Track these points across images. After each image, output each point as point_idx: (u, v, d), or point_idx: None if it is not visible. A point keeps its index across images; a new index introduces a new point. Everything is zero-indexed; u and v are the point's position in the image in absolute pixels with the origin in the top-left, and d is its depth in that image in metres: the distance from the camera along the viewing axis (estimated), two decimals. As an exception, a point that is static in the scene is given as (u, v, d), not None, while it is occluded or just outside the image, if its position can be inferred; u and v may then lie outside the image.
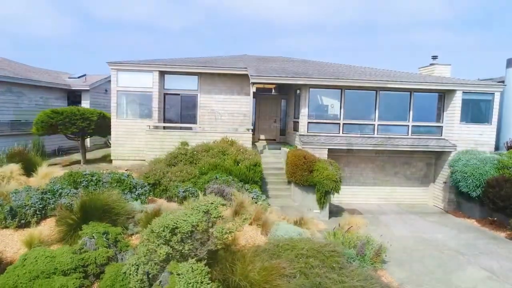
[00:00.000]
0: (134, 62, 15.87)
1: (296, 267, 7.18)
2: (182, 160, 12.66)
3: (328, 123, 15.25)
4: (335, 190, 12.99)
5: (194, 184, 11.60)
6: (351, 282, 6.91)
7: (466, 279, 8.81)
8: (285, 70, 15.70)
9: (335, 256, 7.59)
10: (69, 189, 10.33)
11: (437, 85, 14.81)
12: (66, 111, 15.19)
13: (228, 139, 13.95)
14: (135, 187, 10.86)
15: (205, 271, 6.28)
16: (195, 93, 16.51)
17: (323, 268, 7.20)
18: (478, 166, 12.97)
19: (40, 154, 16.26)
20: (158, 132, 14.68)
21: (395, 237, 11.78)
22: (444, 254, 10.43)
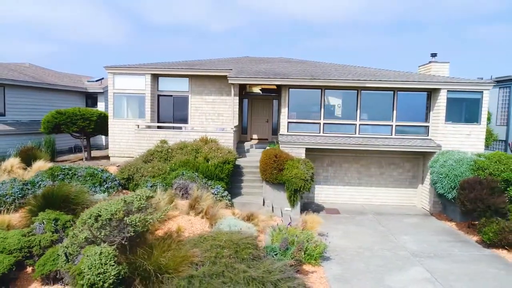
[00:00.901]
0: (129, 66, 17.04)
1: (208, 256, 7.68)
2: (157, 157, 13.53)
3: (308, 123, 15.42)
4: (304, 188, 13.20)
5: (164, 179, 12.40)
6: (255, 272, 7.29)
7: (400, 280, 8.77)
8: (269, 71, 16.08)
9: (250, 248, 7.98)
10: (47, 181, 11.54)
11: (419, 84, 14.46)
12: (68, 112, 16.71)
13: (206, 138, 14.61)
14: (105, 181, 11.87)
15: (111, 254, 6.97)
16: (186, 94, 17.38)
17: (233, 258, 7.64)
18: (454, 167, 12.56)
19: (51, 152, 17.88)
20: (146, 131, 15.69)
21: (356, 236, 11.81)
22: (397, 255, 10.34)
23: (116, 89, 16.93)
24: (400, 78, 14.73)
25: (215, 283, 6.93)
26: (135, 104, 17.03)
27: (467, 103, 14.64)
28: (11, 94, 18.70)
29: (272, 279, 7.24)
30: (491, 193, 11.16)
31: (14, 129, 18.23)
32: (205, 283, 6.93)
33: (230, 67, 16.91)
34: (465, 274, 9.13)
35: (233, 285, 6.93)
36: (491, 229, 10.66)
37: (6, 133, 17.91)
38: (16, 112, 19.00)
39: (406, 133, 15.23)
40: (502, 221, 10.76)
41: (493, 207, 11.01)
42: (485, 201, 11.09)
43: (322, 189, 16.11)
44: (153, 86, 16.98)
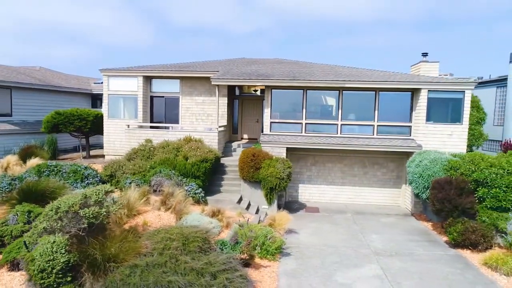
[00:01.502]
0: (122, 68, 17.82)
1: (157, 248, 8.16)
2: (140, 155, 14.17)
3: (290, 123, 15.69)
4: (280, 187, 13.52)
5: (143, 176, 13.01)
6: (197, 263, 7.72)
7: (350, 276, 8.98)
8: (253, 72, 16.43)
9: (198, 241, 8.41)
10: (33, 177, 12.38)
11: (398, 84, 14.46)
12: (66, 112, 17.66)
13: (190, 137, 15.13)
14: (86, 178, 12.59)
15: (63, 243, 7.57)
16: (177, 95, 18.00)
17: (180, 250, 8.09)
18: (428, 167, 12.54)
19: (52, 150, 18.91)
20: (135, 130, 16.39)
21: (326, 234, 12.02)
22: (359, 253, 10.51)
23: (111, 91, 17.74)
24: (380, 79, 14.78)
25: (156, 273, 7.40)
26: (128, 105, 17.79)
27: (449, 103, 14.52)
28: (18, 96, 19.90)
29: (212, 270, 7.64)
30: (460, 193, 11.11)
31: (19, 128, 19.40)
32: (146, 272, 7.42)
33: (219, 68, 17.40)
34: (418, 272, 9.23)
35: (172, 275, 7.37)
36: (456, 229, 10.66)
37: (12, 132, 19.09)
38: (22, 112, 20.20)
39: (390, 133, 15.25)
40: (468, 221, 10.72)
41: (460, 207, 10.97)
42: (452, 201, 11.07)
43: (306, 188, 16.34)
44: (145, 88, 17.69)
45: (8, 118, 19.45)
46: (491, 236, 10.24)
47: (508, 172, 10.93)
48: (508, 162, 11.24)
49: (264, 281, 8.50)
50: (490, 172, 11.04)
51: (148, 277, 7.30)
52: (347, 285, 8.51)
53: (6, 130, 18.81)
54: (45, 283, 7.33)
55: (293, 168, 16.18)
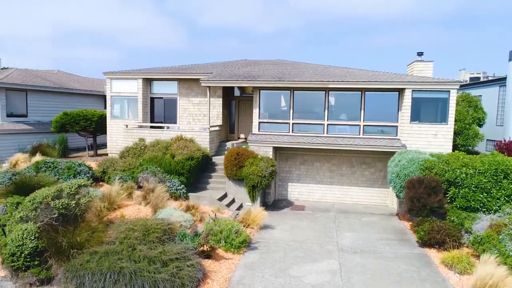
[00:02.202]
0: (124, 71, 18.84)
1: (119, 237, 8.88)
2: (132, 153, 15.04)
3: (278, 122, 16.08)
4: (261, 184, 13.96)
5: (132, 173, 13.86)
6: (152, 252, 8.37)
7: (305, 270, 9.34)
8: (244, 74, 16.94)
9: (158, 232, 9.05)
10: (32, 173, 13.50)
11: (382, 84, 14.51)
12: (72, 113, 18.90)
13: (181, 136, 15.85)
14: (79, 173, 13.58)
15: (33, 231, 8.45)
16: (175, 96, 18.81)
17: (139, 240, 8.76)
18: (405, 166, 12.60)
19: (62, 149, 20.20)
20: (132, 130, 17.33)
21: (300, 231, 12.36)
22: (324, 249, 10.81)
23: (113, 93, 18.80)
24: (365, 79, 14.88)
25: (111, 259, 8.11)
26: (129, 106, 18.78)
27: (434, 103, 14.43)
28: (33, 98, 21.44)
29: (164, 258, 8.27)
30: (429, 193, 11.15)
31: (34, 128, 20.89)
32: (103, 259, 8.14)
33: (213, 70, 18.05)
34: (374, 269, 9.44)
35: (126, 262, 8.06)
36: (424, 228, 10.72)
37: (27, 131, 20.60)
38: (37, 113, 21.72)
39: (376, 133, 15.32)
40: (436, 220, 10.76)
41: (428, 206, 11.02)
42: (421, 200, 11.13)
43: (295, 187, 16.67)
44: (145, 89, 18.63)
45: (24, 119, 20.99)
46: (457, 236, 10.24)
47: (479, 172, 10.86)
48: (482, 162, 11.16)
49: (220, 272, 9.02)
50: (460, 172, 11.02)
51: (103, 263, 8.02)
52: (297, 278, 8.88)
53: (22, 129, 20.34)
54: (15, 265, 8.22)
55: (283, 167, 16.64)
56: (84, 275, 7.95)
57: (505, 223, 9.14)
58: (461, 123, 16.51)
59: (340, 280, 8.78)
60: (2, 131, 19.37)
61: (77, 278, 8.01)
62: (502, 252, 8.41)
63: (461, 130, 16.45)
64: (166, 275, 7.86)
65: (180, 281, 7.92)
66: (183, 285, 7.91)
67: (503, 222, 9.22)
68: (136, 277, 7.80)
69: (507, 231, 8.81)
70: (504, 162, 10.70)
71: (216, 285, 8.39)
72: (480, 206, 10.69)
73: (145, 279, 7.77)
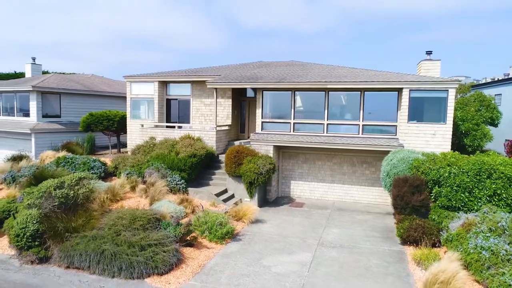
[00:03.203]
0: (142, 75, 20.24)
1: (108, 224, 9.96)
2: (142, 151, 16.27)
3: (280, 122, 16.62)
4: (258, 181, 14.60)
5: (140, 168, 15.06)
6: (134, 238, 9.35)
7: (277, 260, 9.90)
8: (248, 76, 17.64)
9: (142, 220, 10.03)
10: (52, 167, 15.11)
11: (379, 84, 14.60)
12: (97, 114, 20.62)
13: (189, 135, 16.87)
14: (92, 168, 14.99)
15: (36, 216, 9.73)
16: (189, 98, 19.93)
17: (125, 227, 9.78)
18: (396, 165, 12.69)
19: (90, 146, 22.01)
20: (146, 129, 18.64)
21: (289, 226, 12.88)
22: (304, 243, 11.28)
23: (133, 95, 20.27)
24: (362, 79, 15.05)
25: (97, 242, 9.18)
26: (146, 107, 20.16)
27: (432, 102, 14.30)
28: (66, 100, 23.54)
29: (143, 243, 9.22)
30: (413, 192, 11.26)
31: (66, 128, 22.95)
32: (91, 242, 9.24)
33: (222, 73, 18.93)
34: (344, 262, 9.80)
35: (109, 245, 9.09)
36: (403, 225, 10.87)
37: (60, 131, 22.69)
38: (69, 114, 23.80)
39: (375, 133, 15.42)
40: (416, 218, 10.86)
41: (411, 204, 11.14)
42: (404, 198, 11.27)
43: (297, 185, 17.13)
44: (161, 91, 19.90)
45: (58, 119, 23.12)
46: (435, 234, 10.29)
47: (463, 171, 10.81)
48: (467, 161, 11.09)
49: (197, 259, 9.82)
50: (444, 171, 11.02)
51: (90, 245, 9.12)
52: (267, 267, 9.48)
53: (55, 129, 22.44)
54: (19, 245, 9.53)
55: (285, 166, 17.19)
56: (74, 255, 9.11)
57: (476, 222, 9.15)
58: (468, 123, 16.14)
59: (307, 271, 9.26)
60: (37, 130, 21.52)
61: (68, 258, 9.18)
62: (464, 250, 8.49)
63: (468, 130, 16.07)
64: (142, 258, 8.80)
65: (154, 264, 8.82)
66: (157, 267, 8.80)
67: (474, 221, 9.22)
68: (115, 259, 8.81)
69: (475, 229, 8.84)
70: (488, 162, 10.58)
71: (189, 270, 9.20)
72: (461, 206, 10.64)
73: (123, 260, 8.76)
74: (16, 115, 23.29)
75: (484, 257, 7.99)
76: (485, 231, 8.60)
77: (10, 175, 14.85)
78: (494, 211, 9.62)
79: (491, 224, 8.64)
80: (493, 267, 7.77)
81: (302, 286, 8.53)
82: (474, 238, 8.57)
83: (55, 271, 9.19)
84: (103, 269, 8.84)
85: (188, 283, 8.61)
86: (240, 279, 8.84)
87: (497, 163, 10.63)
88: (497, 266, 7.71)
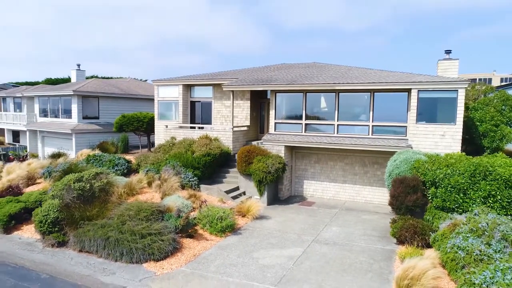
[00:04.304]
0: (168, 79, 21.61)
1: (117, 214, 11.11)
2: (162, 150, 17.51)
3: (292, 123, 17.10)
4: (266, 179, 15.22)
5: (158, 166, 16.29)
6: (137, 227, 10.40)
7: (266, 253, 10.51)
8: (261, 79, 18.28)
9: (147, 212, 11.07)
10: (83, 163, 16.77)
11: (387, 85, 14.61)
12: (128, 115, 22.32)
13: (206, 135, 17.84)
14: (117, 165, 16.45)
15: (56, 205, 11.14)
16: (211, 100, 20.98)
17: (131, 217, 10.87)
18: (398, 166, 12.77)
19: (123, 145, 23.80)
20: (170, 130, 19.92)
21: (292, 223, 13.39)
22: (300, 238, 11.76)
23: (160, 98, 21.72)
24: (371, 80, 15.14)
25: (104, 230, 10.34)
26: (172, 109, 21.50)
27: (442, 103, 14.09)
28: (103, 103, 25.62)
29: (144, 232, 10.24)
30: (409, 192, 11.34)
31: (103, 128, 24.99)
32: (100, 229, 10.42)
33: (241, 76, 19.76)
34: (331, 258, 10.19)
35: (114, 232, 10.21)
36: (397, 225, 11.00)
37: (98, 131, 24.77)
38: (107, 116, 25.86)
39: (385, 133, 15.43)
40: (410, 218, 10.93)
41: (404, 204, 11.23)
42: (399, 198, 11.39)
43: (310, 184, 17.51)
44: (185, 94, 21.14)
45: (96, 120, 25.24)
46: (426, 234, 10.32)
47: (458, 172, 10.73)
48: (465, 163, 10.96)
49: (193, 249, 10.68)
50: (440, 172, 11.00)
51: (98, 232, 10.31)
52: (256, 259, 10.12)
53: (94, 129, 24.54)
54: (41, 230, 10.96)
55: (299, 165, 17.66)
56: (85, 241, 10.34)
57: (463, 222, 9.15)
58: (487, 124, 15.63)
59: (292, 264, 9.78)
60: (77, 131, 23.68)
61: (80, 243, 10.44)
62: (443, 249, 8.58)
63: (487, 131, 15.57)
64: (140, 245, 9.81)
65: (151, 251, 9.80)
66: (153, 254, 9.78)
67: (460, 222, 9.22)
68: (118, 245, 9.91)
69: (458, 230, 8.87)
70: (483, 163, 10.42)
71: (184, 258, 10.08)
72: (455, 207, 10.58)
73: (124, 246, 9.83)
74: (61, 116, 25.74)
75: (459, 256, 8.07)
76: (466, 231, 8.62)
77: (47, 170, 16.70)
78: (486, 212, 9.53)
79: (473, 225, 8.64)
80: (467, 267, 7.84)
81: (282, 276, 9.08)
82: (455, 238, 8.63)
83: (70, 253, 10.49)
84: (108, 253, 9.98)
85: (179, 269, 9.49)
86: (228, 268, 9.57)
87: (495, 165, 10.45)
88: (470, 265, 7.78)
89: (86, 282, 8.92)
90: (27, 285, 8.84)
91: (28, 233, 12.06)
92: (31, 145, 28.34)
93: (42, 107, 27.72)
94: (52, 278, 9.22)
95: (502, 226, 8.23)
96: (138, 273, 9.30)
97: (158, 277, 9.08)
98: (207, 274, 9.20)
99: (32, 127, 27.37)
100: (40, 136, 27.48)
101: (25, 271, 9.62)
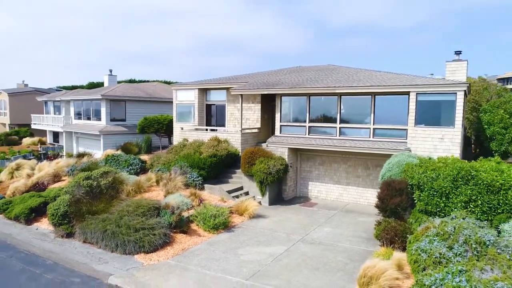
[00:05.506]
0: (185, 83, 22.76)
1: (118, 210, 12.21)
2: (173, 151, 18.59)
3: (296, 126, 17.53)
4: (267, 180, 15.81)
5: (169, 166, 17.37)
6: (132, 222, 11.42)
7: (250, 250, 11.13)
8: (270, 82, 18.84)
9: (144, 208, 12.06)
10: (102, 163, 18.24)
11: (385, 88, 14.66)
12: (149, 118, 23.75)
13: (216, 137, 18.72)
14: (131, 165, 17.74)
15: (66, 200, 12.44)
16: (224, 103, 21.86)
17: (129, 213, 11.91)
18: (391, 168, 12.88)
19: (146, 146, 25.27)
20: (185, 131, 21.01)
21: (286, 223, 13.90)
22: (287, 237, 12.27)
23: (178, 101, 22.92)
24: (370, 83, 15.23)
25: (104, 223, 11.45)
26: (189, 112, 22.62)
27: (440, 106, 13.93)
28: (130, 106, 27.34)
29: (137, 226, 11.22)
30: (394, 195, 11.47)
31: (129, 130, 26.70)
32: (101, 222, 11.55)
33: (251, 80, 20.45)
34: (309, 257, 10.62)
35: (112, 226, 11.28)
36: (380, 227, 11.19)
37: (124, 132, 26.50)
38: (133, 118, 27.56)
39: (386, 136, 15.46)
40: (392, 221, 11.07)
41: (388, 207, 11.38)
42: (384, 200, 11.55)
43: (314, 186, 17.84)
44: (201, 98, 22.17)
45: (123, 122, 27.00)
46: (405, 236, 10.45)
47: (443, 177, 10.74)
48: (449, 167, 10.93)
49: (183, 243, 11.53)
50: (424, 176, 11.05)
51: (99, 225, 11.44)
52: (239, 255, 10.77)
53: (120, 131, 26.29)
54: (53, 222, 12.30)
55: (304, 167, 18.07)
56: (87, 232, 11.52)
57: (434, 226, 9.25)
58: (495, 127, 15.20)
59: (270, 261, 10.33)
60: (105, 132, 25.50)
61: (84, 234, 11.63)
62: (409, 251, 8.77)
63: (494, 134, 15.15)
64: (133, 238, 10.80)
65: (142, 243, 10.76)
66: (143, 246, 10.73)
67: (432, 225, 9.33)
68: (114, 237, 10.96)
69: (427, 233, 9.00)
70: (466, 168, 10.36)
71: (172, 251, 10.94)
72: (438, 211, 10.60)
73: (119, 239, 10.87)
74: (92, 119, 27.78)
75: (421, 258, 8.26)
76: (433, 235, 8.75)
77: (71, 168, 18.34)
78: (463, 217, 9.55)
79: (441, 229, 8.74)
80: (427, 269, 8.02)
81: (256, 271, 9.67)
82: (421, 241, 8.78)
83: (75, 244, 11.72)
84: (106, 244, 11.07)
85: (165, 261, 10.36)
86: (209, 262, 10.30)
87: (480, 169, 10.36)
88: (429, 267, 7.96)
89: (81, 269, 10.04)
90: (32, 269, 10.11)
91: (45, 225, 13.50)
92: (67, 145, 30.77)
93: (76, 110, 30.05)
94: (55, 264, 10.44)
95: (466, 230, 8.30)
96: (128, 263, 10.28)
97: (144, 267, 10.01)
98: (189, 267, 9.99)
99: (67, 128, 29.75)
100: (75, 137, 29.80)
101: (34, 258, 10.94)
